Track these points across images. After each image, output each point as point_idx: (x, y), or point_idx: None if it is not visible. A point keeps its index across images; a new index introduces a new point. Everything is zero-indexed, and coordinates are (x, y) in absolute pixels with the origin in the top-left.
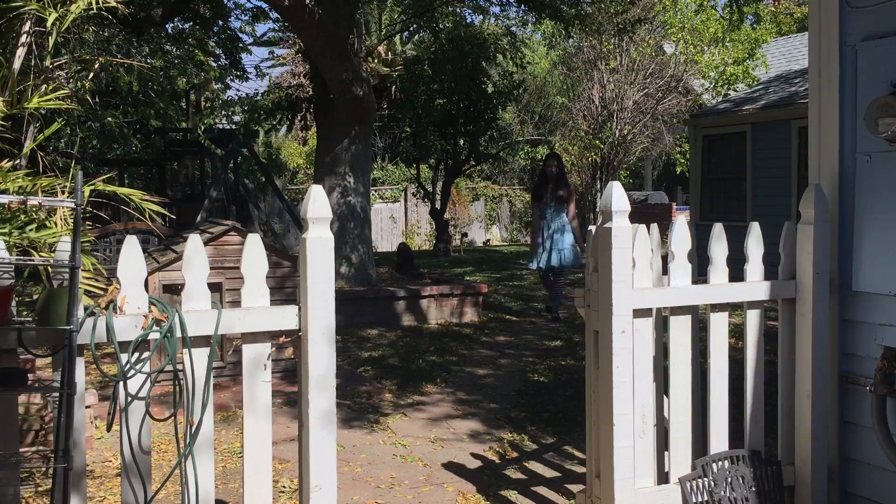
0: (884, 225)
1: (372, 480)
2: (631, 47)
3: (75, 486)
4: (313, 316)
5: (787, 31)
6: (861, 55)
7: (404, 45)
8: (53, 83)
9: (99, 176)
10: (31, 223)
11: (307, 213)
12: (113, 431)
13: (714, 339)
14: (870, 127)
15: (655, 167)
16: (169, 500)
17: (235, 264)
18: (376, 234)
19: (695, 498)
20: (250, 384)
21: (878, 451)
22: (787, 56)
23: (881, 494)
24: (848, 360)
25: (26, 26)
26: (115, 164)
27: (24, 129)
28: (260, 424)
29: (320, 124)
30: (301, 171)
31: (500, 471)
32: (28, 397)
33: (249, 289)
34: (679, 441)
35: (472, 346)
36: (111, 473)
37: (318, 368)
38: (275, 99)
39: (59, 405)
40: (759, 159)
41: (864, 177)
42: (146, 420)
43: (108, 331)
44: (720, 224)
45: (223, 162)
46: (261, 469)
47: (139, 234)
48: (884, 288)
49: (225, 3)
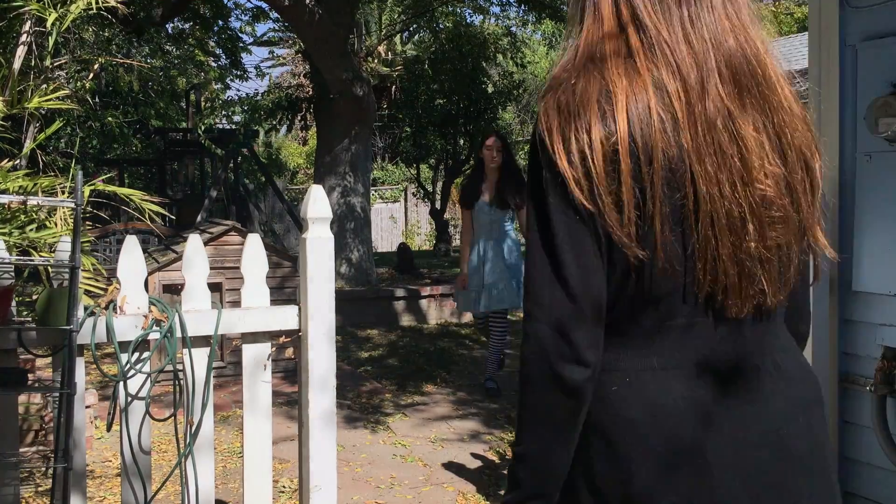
0: (884, 225)
1: (372, 480)
2: None
3: (75, 486)
4: (313, 316)
5: (787, 31)
6: (861, 55)
7: (404, 45)
8: (53, 83)
9: (99, 176)
10: (31, 223)
11: (307, 214)
12: (113, 431)
13: None
14: (870, 127)
15: None
16: (169, 500)
17: (235, 264)
18: (376, 234)
19: None
20: (250, 384)
21: (878, 452)
22: (787, 56)
23: (881, 494)
24: (848, 361)
25: (26, 26)
26: (115, 164)
27: (24, 129)
28: (260, 424)
29: (320, 124)
30: (301, 171)
31: (501, 471)
32: (28, 397)
33: (249, 289)
34: None
35: (472, 346)
36: (111, 473)
37: (318, 369)
38: (275, 99)
39: (59, 405)
40: None
41: (864, 177)
42: (146, 420)
43: (108, 331)
44: None
45: (223, 162)
46: (261, 469)
47: (139, 234)
48: (884, 288)
49: (225, 3)
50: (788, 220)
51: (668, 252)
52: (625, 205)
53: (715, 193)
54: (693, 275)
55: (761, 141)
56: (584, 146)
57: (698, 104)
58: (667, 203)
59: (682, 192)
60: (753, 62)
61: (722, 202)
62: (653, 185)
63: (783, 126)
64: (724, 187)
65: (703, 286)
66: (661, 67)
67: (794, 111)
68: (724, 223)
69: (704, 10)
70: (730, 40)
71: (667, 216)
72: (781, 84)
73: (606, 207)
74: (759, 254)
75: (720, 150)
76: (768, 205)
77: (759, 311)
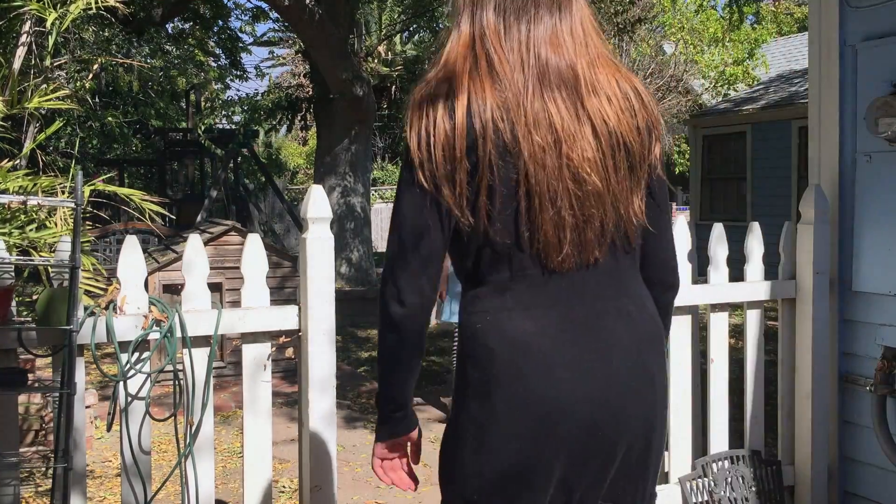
0: (884, 225)
1: (372, 480)
2: (631, 47)
3: (75, 486)
4: (313, 316)
5: (787, 32)
6: (861, 55)
7: (404, 45)
8: (53, 83)
9: (99, 176)
10: (31, 223)
11: (307, 214)
12: (113, 431)
13: (714, 339)
14: (870, 127)
15: None
16: (169, 500)
17: (235, 264)
18: (376, 234)
19: (695, 498)
20: (250, 384)
21: (878, 451)
22: (787, 56)
23: (881, 494)
24: (848, 360)
25: (26, 26)
26: (115, 164)
27: (24, 129)
28: (260, 424)
29: (320, 124)
30: (301, 171)
31: None
32: (28, 397)
33: (249, 289)
34: (679, 441)
35: None
36: (111, 473)
37: (318, 370)
38: (275, 99)
39: (59, 405)
40: (759, 159)
41: (864, 177)
42: (146, 420)
43: (108, 331)
44: (720, 225)
45: (223, 162)
46: (261, 469)
47: (139, 234)
48: (884, 288)
49: (225, 3)
50: (601, 195)
51: (502, 219)
52: (457, 183)
53: (539, 174)
54: (527, 237)
55: (574, 130)
56: (430, 135)
57: (525, 103)
58: (500, 181)
59: (515, 173)
60: (569, 69)
61: (544, 180)
62: (485, 166)
63: (597, 117)
64: (546, 169)
65: (535, 246)
66: (498, 74)
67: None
68: (546, 197)
69: (535, 30)
70: (552, 53)
71: (500, 191)
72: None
73: (443, 185)
74: (574, 221)
75: (542, 139)
76: (581, 182)
77: (588, 265)
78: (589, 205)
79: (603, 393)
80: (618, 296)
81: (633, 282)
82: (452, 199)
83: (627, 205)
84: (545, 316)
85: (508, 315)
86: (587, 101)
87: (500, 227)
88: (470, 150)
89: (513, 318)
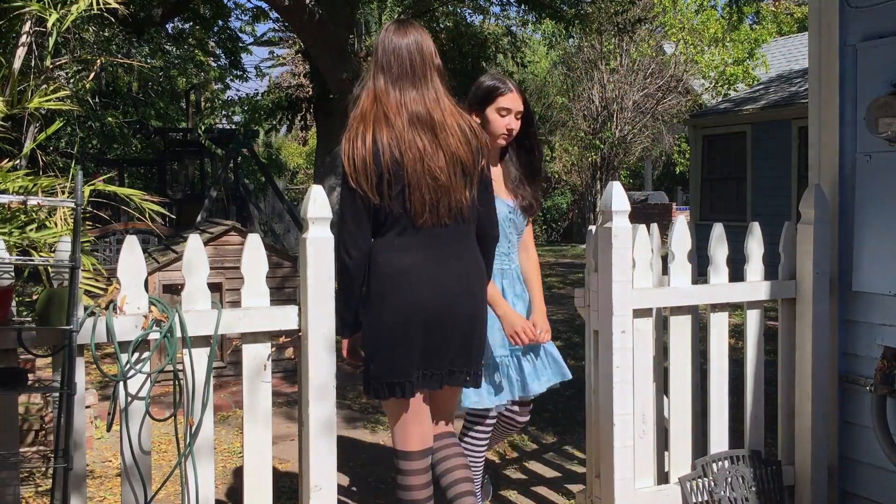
0: (884, 225)
1: (372, 480)
2: (631, 47)
3: (75, 486)
4: (313, 316)
5: (787, 31)
6: (861, 55)
7: None
8: (53, 83)
9: (99, 176)
10: (31, 223)
11: (307, 213)
12: (113, 431)
13: (714, 339)
14: (870, 127)
15: (655, 167)
16: (169, 500)
17: (235, 264)
18: None
19: (695, 498)
20: (250, 384)
21: (878, 451)
22: (787, 56)
23: (881, 494)
24: (848, 360)
25: (27, 26)
26: (115, 164)
27: (24, 129)
28: (260, 424)
29: (320, 124)
30: (301, 171)
31: (501, 471)
32: (28, 397)
33: (249, 289)
34: (679, 441)
35: None
36: (111, 473)
37: (318, 369)
38: (275, 99)
39: (59, 405)
40: (759, 159)
41: (864, 177)
42: (146, 420)
43: (108, 331)
44: (720, 225)
45: (223, 162)
46: (261, 469)
47: (139, 234)
48: (884, 288)
49: (225, 3)
50: (448, 188)
51: (394, 199)
52: (370, 180)
53: (413, 175)
54: (407, 207)
55: (432, 152)
56: (355, 156)
57: (405, 136)
58: (393, 178)
59: (401, 173)
60: (431, 115)
61: (416, 179)
62: (384, 169)
63: (446, 146)
64: (416, 172)
65: (410, 213)
66: (389, 119)
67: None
68: (416, 186)
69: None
70: (419, 107)
71: (393, 185)
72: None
73: (364, 185)
74: (431, 200)
75: (415, 156)
76: (435, 179)
77: (442, 226)
78: (440, 192)
79: (444, 298)
80: (457, 245)
81: (466, 238)
82: (368, 189)
83: (461, 195)
84: (416, 255)
85: (396, 254)
86: (440, 135)
87: (393, 203)
88: (375, 162)
89: (399, 255)
